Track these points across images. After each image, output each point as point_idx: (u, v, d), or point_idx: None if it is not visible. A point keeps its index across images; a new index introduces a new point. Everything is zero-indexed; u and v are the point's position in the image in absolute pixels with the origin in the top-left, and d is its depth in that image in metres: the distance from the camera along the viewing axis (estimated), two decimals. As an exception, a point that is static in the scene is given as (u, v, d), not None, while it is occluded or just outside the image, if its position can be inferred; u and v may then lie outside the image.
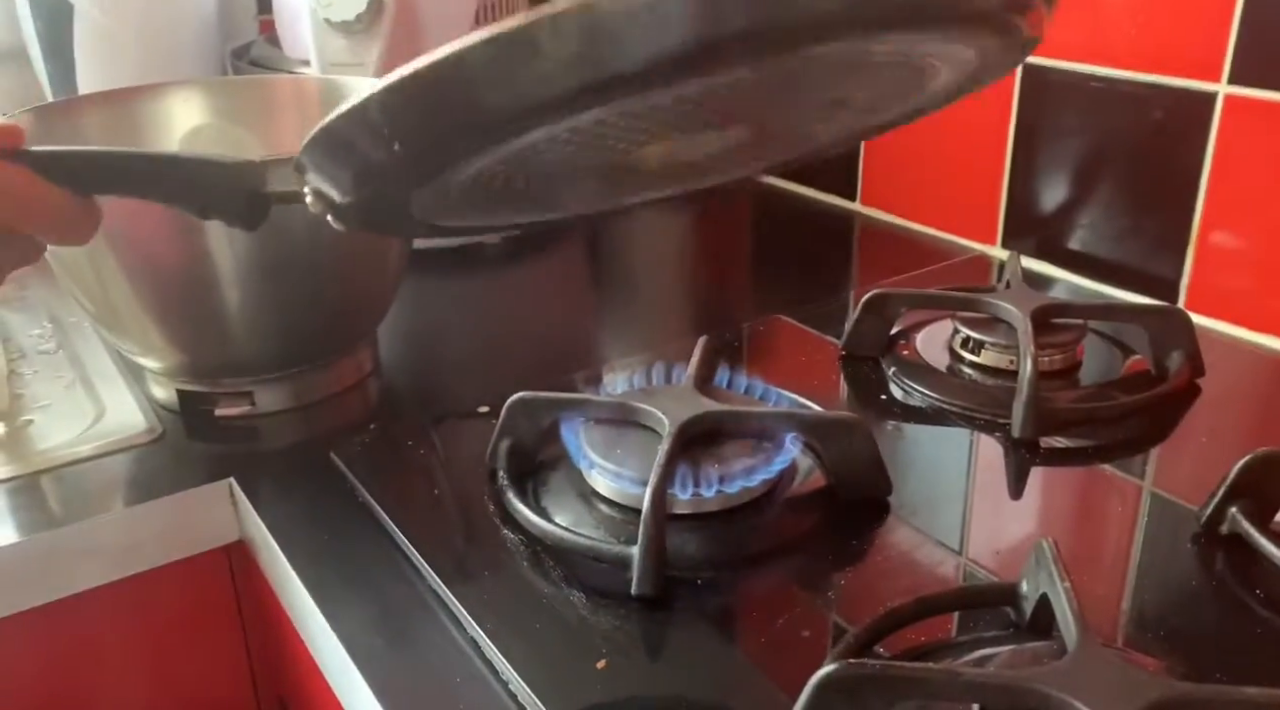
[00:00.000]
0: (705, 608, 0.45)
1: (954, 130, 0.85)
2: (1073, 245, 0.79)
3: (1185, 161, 0.70)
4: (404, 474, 0.56)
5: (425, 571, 0.48)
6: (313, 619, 0.47)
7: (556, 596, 0.46)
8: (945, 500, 0.54)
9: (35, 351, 0.71)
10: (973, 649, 0.41)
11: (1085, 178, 0.78)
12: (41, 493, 0.56)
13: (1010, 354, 0.61)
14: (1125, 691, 0.33)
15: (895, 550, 0.49)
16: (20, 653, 0.55)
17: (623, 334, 0.78)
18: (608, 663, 0.41)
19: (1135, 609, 0.46)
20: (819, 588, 0.47)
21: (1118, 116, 0.74)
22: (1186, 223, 0.71)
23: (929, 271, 0.82)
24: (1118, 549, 0.50)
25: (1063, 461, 0.57)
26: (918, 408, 0.61)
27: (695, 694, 0.41)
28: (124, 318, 0.59)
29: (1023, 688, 0.34)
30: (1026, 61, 0.78)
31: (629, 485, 0.49)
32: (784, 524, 0.51)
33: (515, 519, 0.50)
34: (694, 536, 0.49)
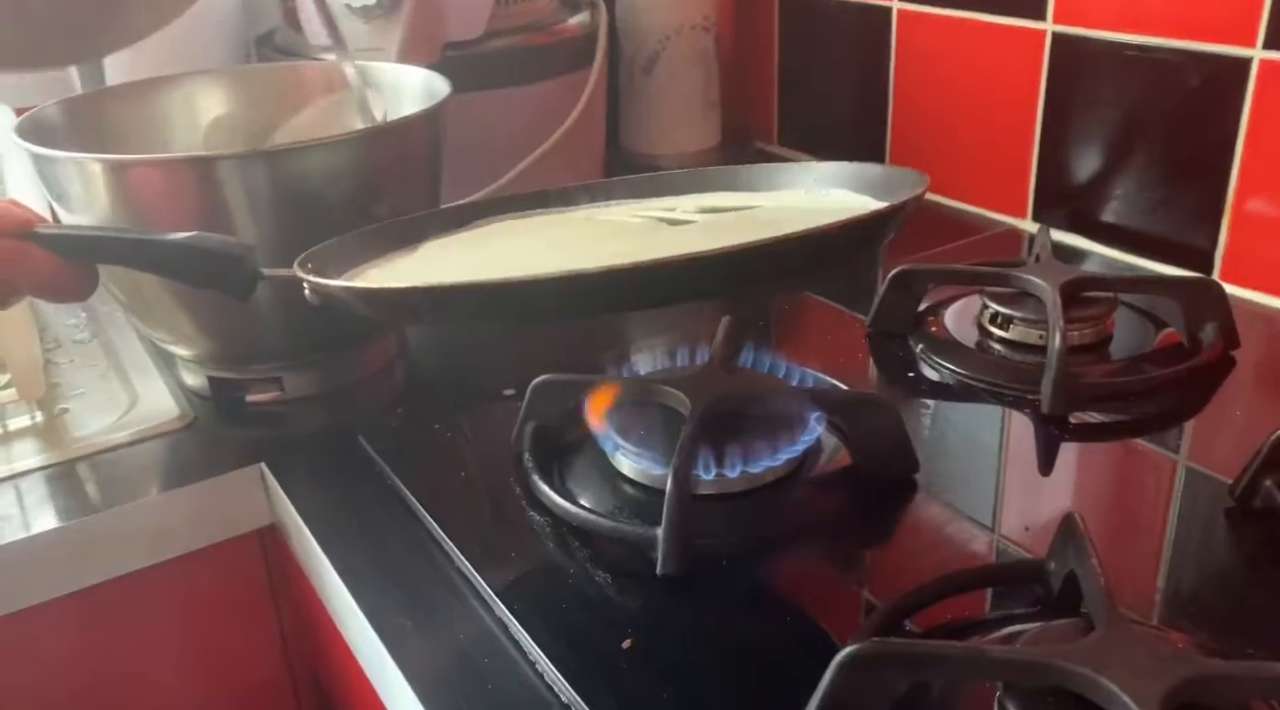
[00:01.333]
0: (731, 587, 0.45)
1: (983, 102, 0.84)
2: (1105, 217, 0.78)
3: (1220, 129, 0.69)
4: (431, 457, 0.56)
5: (453, 553, 0.48)
6: (343, 601, 0.48)
7: (582, 577, 0.46)
8: (974, 477, 0.53)
9: (70, 341, 0.72)
10: (1001, 626, 0.41)
11: (1117, 148, 0.76)
12: (78, 479, 0.57)
13: (1039, 329, 0.61)
14: (1153, 668, 0.33)
15: (922, 529, 0.49)
16: (58, 636, 0.56)
17: (647, 315, 0.77)
18: (633, 642, 0.42)
19: (1167, 584, 0.45)
20: (845, 567, 0.47)
21: (1150, 84, 0.73)
22: (1221, 192, 0.70)
23: (958, 246, 0.81)
24: (1149, 524, 0.50)
25: (1093, 437, 0.56)
26: (946, 384, 0.61)
27: (721, 673, 0.41)
28: (155, 307, 0.60)
29: (1049, 665, 0.34)
30: (1056, 30, 0.77)
31: (653, 466, 0.49)
32: (809, 503, 0.51)
33: (541, 501, 0.50)
34: (719, 516, 0.49)
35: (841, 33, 0.95)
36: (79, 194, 0.56)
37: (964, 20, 0.83)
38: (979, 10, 0.82)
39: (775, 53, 1.02)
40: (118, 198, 0.55)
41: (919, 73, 0.89)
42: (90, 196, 0.55)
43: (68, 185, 0.56)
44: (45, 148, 0.55)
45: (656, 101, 1.01)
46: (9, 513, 0.54)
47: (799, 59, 1.01)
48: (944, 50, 0.86)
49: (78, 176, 0.55)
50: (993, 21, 0.81)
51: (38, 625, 0.55)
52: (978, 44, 0.83)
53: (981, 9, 0.82)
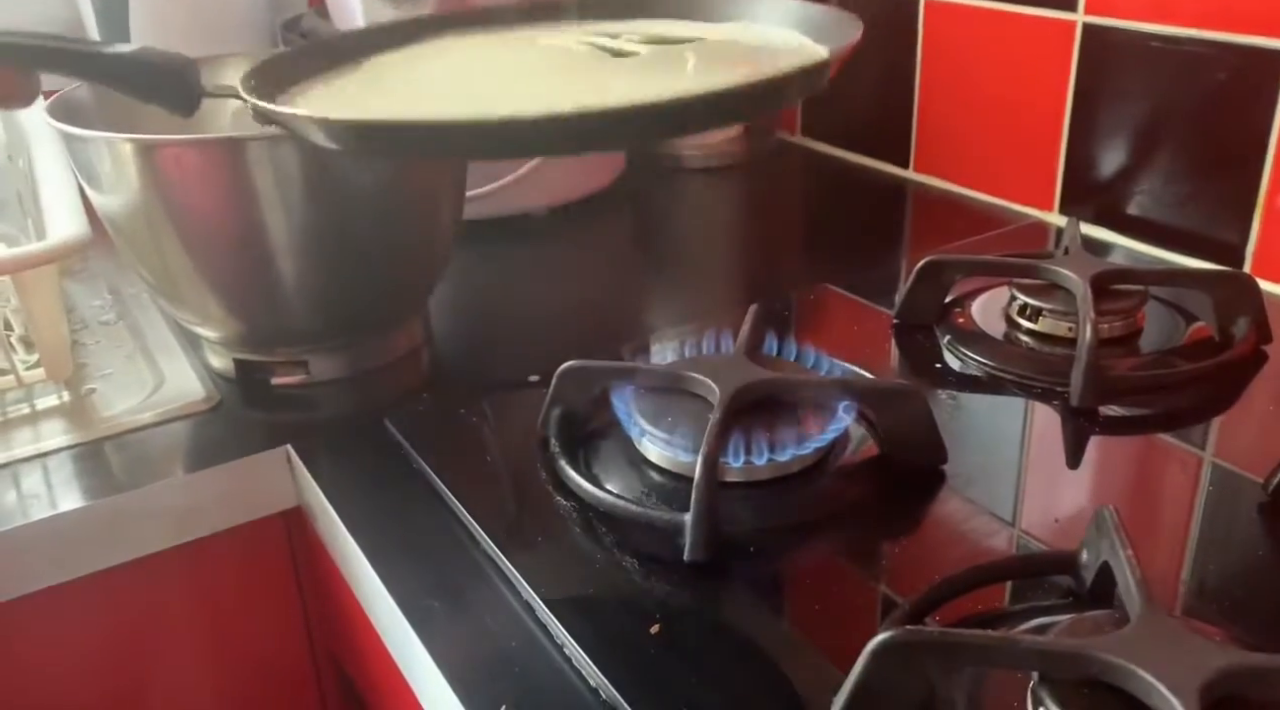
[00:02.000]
0: (758, 574, 0.45)
1: (1010, 94, 0.83)
2: (1133, 211, 0.77)
3: (1252, 122, 0.68)
4: (457, 442, 0.56)
5: (480, 537, 0.48)
6: (369, 583, 0.48)
7: (609, 562, 0.46)
8: (1001, 469, 0.53)
9: (97, 322, 0.73)
10: (1029, 618, 0.41)
11: (1146, 141, 0.75)
12: (104, 459, 0.57)
13: (1069, 321, 0.60)
14: (1191, 660, 0.33)
15: (950, 519, 0.49)
16: (85, 614, 0.57)
17: (672, 303, 0.77)
18: (661, 627, 0.41)
19: (1197, 579, 0.45)
20: (872, 556, 0.47)
21: (1180, 77, 0.72)
22: (1254, 186, 0.69)
23: (984, 239, 0.81)
24: (1179, 519, 0.49)
25: (1122, 430, 0.56)
26: (973, 376, 0.60)
27: (748, 659, 0.41)
28: (182, 288, 0.60)
29: (1086, 655, 0.33)
30: (1087, 21, 0.76)
31: (680, 453, 0.49)
32: (837, 492, 0.50)
33: (567, 486, 0.50)
34: (746, 504, 0.49)
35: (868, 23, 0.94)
36: (109, 174, 0.56)
37: (993, 10, 0.83)
38: (1008, 1, 0.81)
39: (800, 43, 1.02)
40: (148, 178, 0.55)
41: (946, 63, 0.88)
42: (120, 176, 0.55)
43: (98, 165, 0.56)
44: (75, 127, 0.55)
45: (680, 91, 1.00)
46: (36, 491, 0.55)
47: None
48: (972, 41, 0.85)
49: (108, 156, 0.55)
50: (1022, 12, 0.80)
51: (62, 604, 0.55)
52: (1006, 35, 0.82)
53: (1010, 0, 0.81)
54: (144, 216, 0.56)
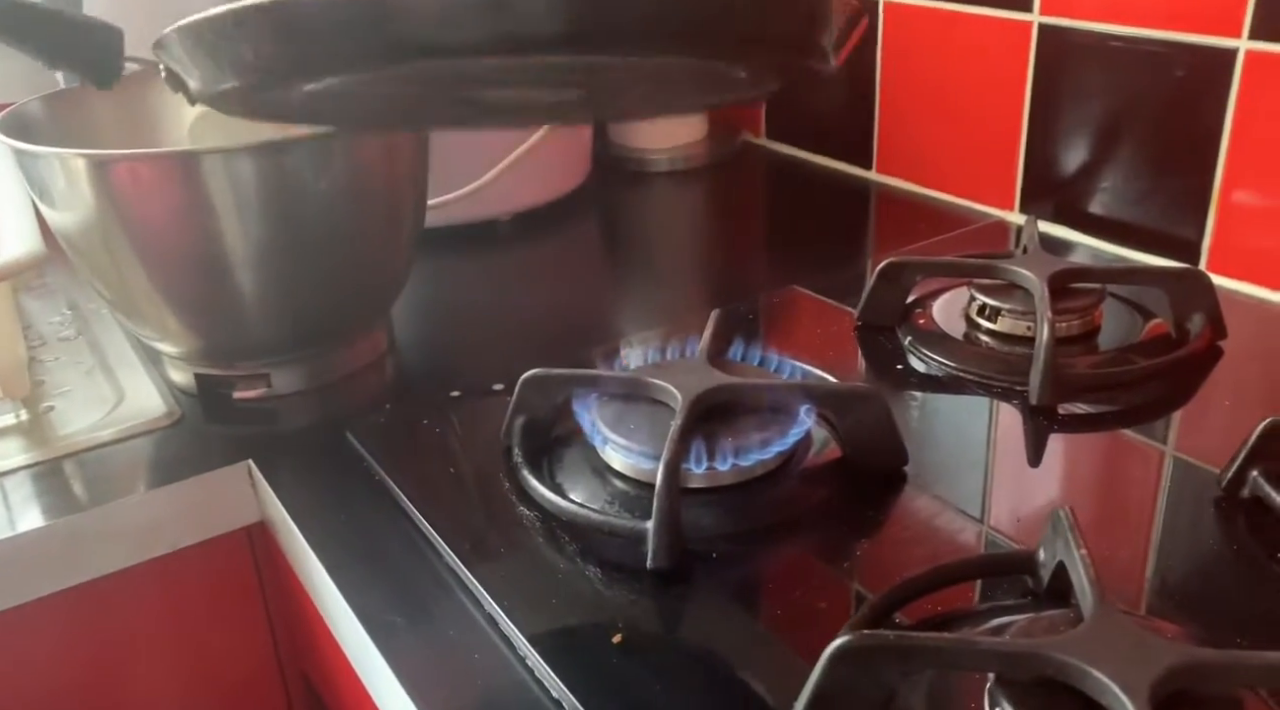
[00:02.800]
0: (721, 580, 0.45)
1: (970, 95, 0.84)
2: (1093, 209, 0.78)
3: (1206, 120, 0.69)
4: (420, 453, 0.56)
5: (442, 549, 0.48)
6: (332, 597, 0.48)
7: (572, 571, 0.46)
8: (963, 469, 0.53)
9: (55, 338, 0.72)
10: (991, 617, 0.41)
11: (1104, 139, 0.76)
12: (64, 477, 0.57)
13: (1028, 320, 0.61)
14: (1142, 657, 0.33)
15: (913, 520, 0.49)
16: (47, 635, 0.56)
17: (637, 309, 0.77)
18: (624, 636, 0.42)
19: (1156, 575, 0.45)
20: (836, 558, 0.47)
21: (1136, 76, 0.73)
22: (1208, 183, 0.70)
23: (947, 238, 0.81)
24: (1138, 514, 0.50)
25: (1082, 427, 0.57)
26: (935, 376, 0.61)
27: (712, 666, 0.41)
28: (140, 303, 0.59)
29: (1038, 655, 0.34)
30: (1042, 22, 0.77)
31: (643, 460, 0.49)
32: (800, 496, 0.51)
33: (530, 495, 0.50)
34: (709, 510, 0.49)
35: (829, 25, 0.95)
36: (62, 190, 0.55)
37: (950, 12, 0.83)
38: (966, 2, 0.82)
39: (763, 46, 1.02)
40: (101, 193, 0.54)
41: (906, 65, 0.89)
42: (74, 192, 0.55)
43: (51, 181, 0.56)
44: (28, 143, 0.55)
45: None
46: (-6, 512, 0.54)
47: (786, 52, 1.01)
48: (930, 42, 0.86)
49: (61, 172, 0.55)
50: (979, 13, 0.81)
51: (25, 624, 0.55)
52: (964, 36, 0.83)
53: (968, 1, 0.82)
54: (99, 232, 0.56)
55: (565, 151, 0.92)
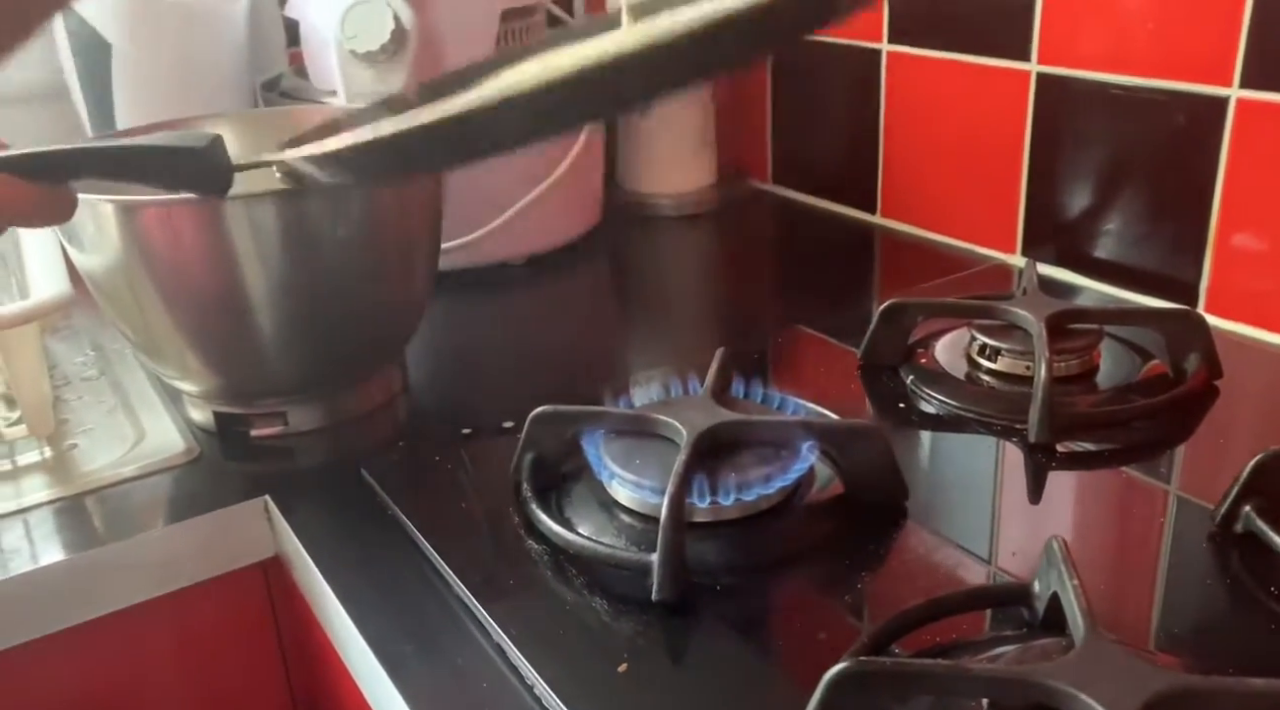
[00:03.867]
0: (725, 613, 0.46)
1: (971, 141, 0.86)
2: (1093, 252, 0.80)
3: (1200, 166, 0.71)
4: (432, 488, 0.57)
5: (453, 582, 0.49)
6: (345, 629, 0.49)
7: (579, 603, 0.47)
8: (963, 505, 0.54)
9: (79, 378, 0.74)
10: (988, 648, 0.42)
11: (1103, 184, 0.78)
12: (85, 513, 0.58)
13: (1027, 360, 0.62)
14: (1130, 684, 0.34)
15: (913, 555, 0.50)
16: (65, 667, 0.57)
17: (645, 349, 0.79)
18: (629, 666, 0.43)
19: (1153, 608, 0.46)
20: (837, 592, 0.48)
21: (1132, 123, 0.75)
22: (1203, 226, 0.72)
23: (949, 281, 0.83)
24: (1135, 550, 0.51)
25: (1080, 465, 0.58)
26: (936, 415, 0.62)
27: (715, 696, 0.42)
28: (162, 344, 0.61)
29: (1029, 681, 0.35)
30: (1041, 71, 0.79)
31: (649, 494, 0.51)
32: (802, 531, 0.52)
33: (539, 530, 0.51)
34: (713, 544, 0.50)
35: (833, 74, 0.97)
36: (91, 235, 0.58)
37: (952, 62, 0.86)
38: (966, 52, 0.84)
39: (768, 93, 1.05)
40: (129, 238, 0.56)
41: (909, 112, 0.91)
42: (103, 238, 0.57)
43: (80, 227, 0.58)
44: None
45: (653, 141, 1.03)
46: (17, 546, 0.56)
47: (791, 99, 1.03)
48: (933, 91, 0.88)
49: (90, 218, 0.57)
50: (979, 63, 0.83)
51: (44, 658, 0.56)
52: (965, 85, 0.85)
53: (968, 50, 0.84)
54: (125, 275, 0.58)
55: (577, 196, 0.94)
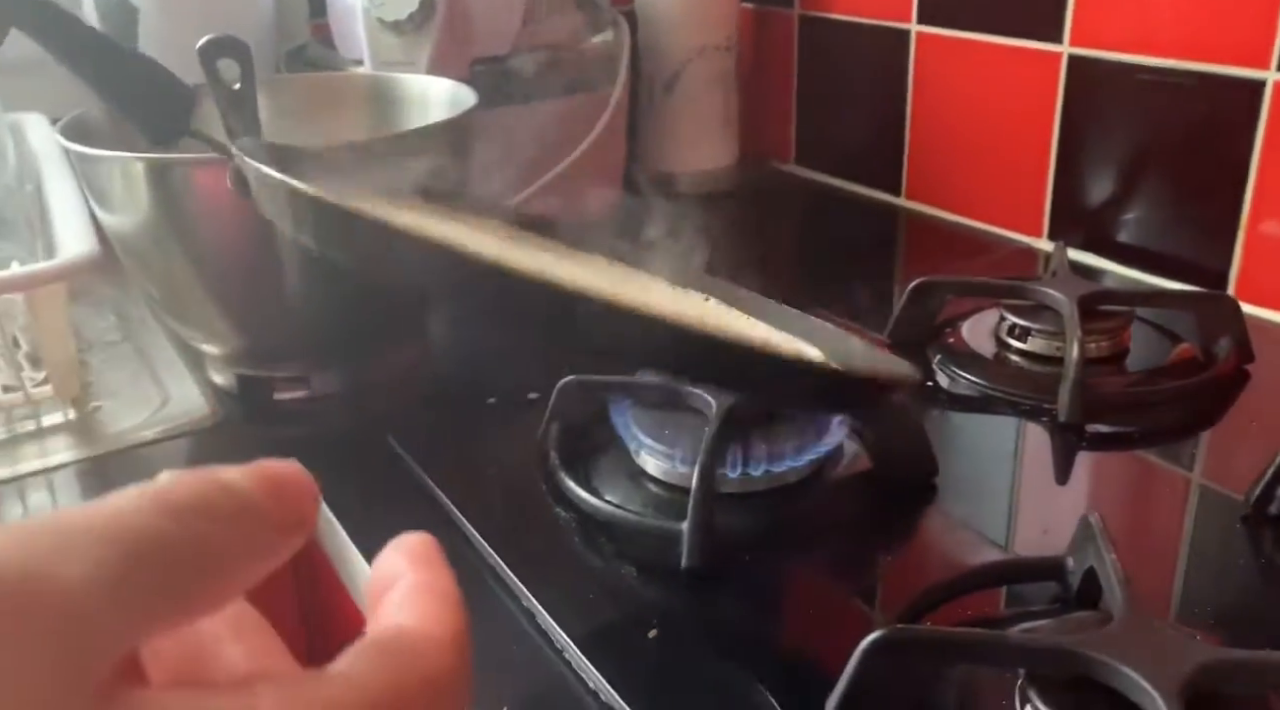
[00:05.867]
0: (753, 582, 0.46)
1: (999, 123, 0.85)
2: (1120, 237, 0.79)
3: (1234, 150, 0.70)
4: (459, 457, 0.57)
5: (481, 547, 0.49)
6: (372, 592, 0.49)
7: (608, 570, 0.47)
8: (991, 484, 0.54)
9: (102, 342, 0.74)
10: (1018, 622, 0.42)
11: (1132, 169, 0.77)
12: (109, 474, 0.58)
13: (1057, 341, 0.62)
14: (1173, 656, 0.34)
15: (941, 531, 0.50)
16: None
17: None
18: (659, 632, 0.42)
19: (1183, 589, 0.46)
20: (867, 565, 0.48)
21: (1164, 106, 0.74)
22: (1235, 212, 0.71)
23: (975, 264, 0.82)
24: (1165, 532, 0.51)
25: (1109, 446, 0.57)
26: (964, 395, 0.62)
27: (743, 662, 0.42)
28: (188, 304, 0.61)
29: (1070, 652, 0.34)
30: (1073, 53, 0.78)
31: (678, 465, 0.50)
32: (830, 505, 0.52)
33: (567, 497, 0.51)
34: (741, 515, 0.50)
35: (860, 54, 0.97)
36: (120, 194, 0.57)
37: (981, 43, 0.85)
38: (996, 33, 0.84)
39: (794, 73, 1.04)
40: (158, 197, 0.56)
41: (936, 94, 0.90)
42: (132, 197, 0.57)
43: (109, 185, 0.58)
44: (89, 147, 0.57)
45: (676, 120, 1.03)
46: (42, 506, 0.56)
47: (817, 80, 1.02)
48: (961, 72, 0.87)
49: (120, 177, 0.57)
50: (1010, 44, 0.83)
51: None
52: (995, 66, 0.84)
53: (999, 32, 0.83)
54: (153, 235, 0.58)
55: (599, 173, 0.94)
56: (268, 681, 0.17)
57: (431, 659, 0.19)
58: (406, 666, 0.19)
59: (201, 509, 0.18)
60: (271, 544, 0.19)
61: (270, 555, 0.19)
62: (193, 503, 0.18)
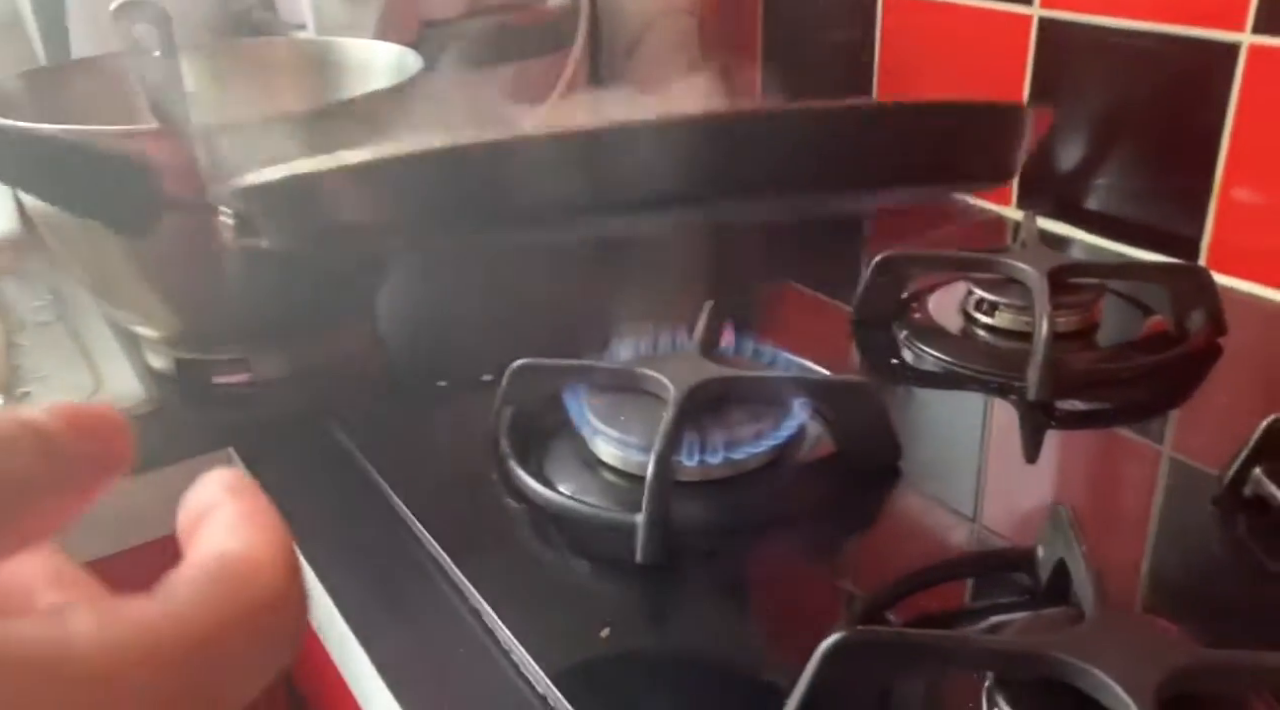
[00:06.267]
0: (712, 576, 0.44)
1: (968, 88, 0.83)
2: (1090, 205, 0.77)
3: (1206, 116, 0.68)
4: (406, 444, 0.55)
5: (426, 541, 0.47)
6: (314, 591, 0.47)
7: (560, 565, 0.45)
8: (958, 465, 0.52)
9: (34, 323, 0.70)
10: (986, 616, 0.40)
11: (1103, 134, 0.75)
12: (39, 465, 0.55)
13: (1026, 315, 0.60)
14: (1146, 658, 0.32)
15: (907, 516, 0.48)
16: (21, 626, 0.54)
17: (632, 300, 0.76)
18: (611, 631, 0.40)
19: (1154, 573, 0.45)
20: (829, 555, 0.46)
21: (1137, 70, 0.72)
22: (1208, 179, 0.69)
23: (941, 233, 0.80)
24: (1136, 512, 0.49)
25: (1080, 424, 0.56)
26: (930, 372, 0.60)
27: (701, 663, 0.40)
28: (120, 286, 0.58)
29: (1041, 655, 0.33)
30: (1041, 15, 0.76)
31: (634, 453, 0.48)
32: (793, 491, 0.50)
33: (518, 488, 0.49)
34: (700, 504, 0.48)
35: (826, 17, 0.94)
36: (40, 169, 0.54)
37: (950, 4, 0.82)
38: (965, -5, 0.81)
39: (759, 38, 1.01)
40: (80, 173, 0.53)
41: (904, 57, 0.88)
42: (52, 172, 0.53)
43: (28, 160, 0.54)
44: (6, 119, 0.53)
45: (637, 75, 0.99)
46: (-34, 498, 0.53)
47: (783, 45, 1.00)
48: (930, 35, 0.85)
49: (39, 151, 0.53)
50: (979, 6, 0.80)
51: None
52: (964, 28, 0.82)
53: (968, -7, 0.81)
54: (78, 213, 0.55)
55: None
56: (81, 607, 0.16)
57: (260, 584, 0.18)
58: (233, 593, 0.18)
59: (2, 443, 0.18)
60: (77, 475, 0.19)
61: (79, 487, 0.19)
62: None
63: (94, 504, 0.20)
